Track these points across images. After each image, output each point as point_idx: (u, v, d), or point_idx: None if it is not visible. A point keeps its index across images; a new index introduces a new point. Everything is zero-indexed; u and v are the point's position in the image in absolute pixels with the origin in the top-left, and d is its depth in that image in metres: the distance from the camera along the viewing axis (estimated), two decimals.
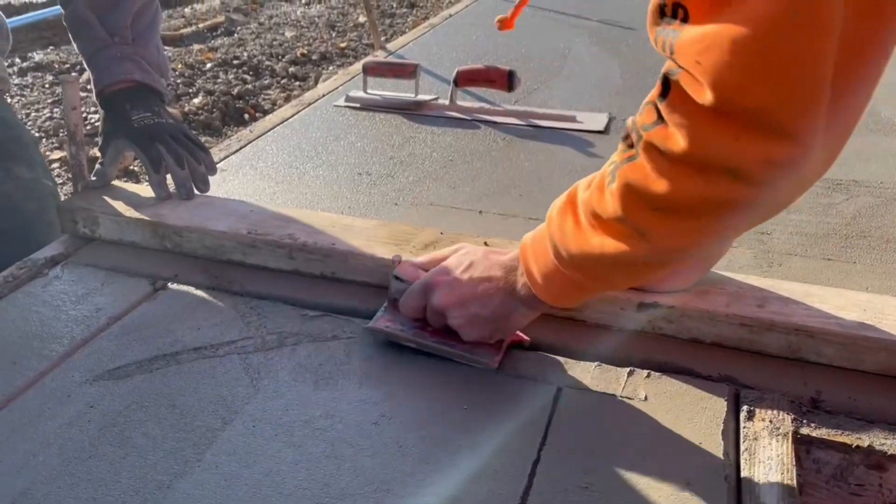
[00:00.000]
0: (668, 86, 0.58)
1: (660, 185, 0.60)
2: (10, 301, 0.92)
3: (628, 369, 0.79)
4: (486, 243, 0.96)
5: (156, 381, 0.78)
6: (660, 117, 0.59)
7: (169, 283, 0.95)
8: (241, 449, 0.69)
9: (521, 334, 0.84)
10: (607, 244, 0.66)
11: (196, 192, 1.08)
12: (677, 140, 0.57)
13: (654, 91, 0.60)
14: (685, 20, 0.55)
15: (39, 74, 2.57)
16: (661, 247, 0.64)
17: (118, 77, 1.09)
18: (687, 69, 0.55)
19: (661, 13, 0.58)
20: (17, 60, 2.75)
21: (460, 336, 0.80)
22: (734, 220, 0.61)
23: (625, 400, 0.76)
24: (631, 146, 0.63)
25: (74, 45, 1.14)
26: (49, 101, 2.29)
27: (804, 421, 0.73)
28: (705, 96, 0.54)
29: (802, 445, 0.72)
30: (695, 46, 0.53)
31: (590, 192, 0.68)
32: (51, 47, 2.84)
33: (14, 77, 2.53)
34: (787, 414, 0.73)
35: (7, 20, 2.99)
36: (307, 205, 1.22)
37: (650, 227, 0.63)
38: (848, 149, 0.70)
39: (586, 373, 0.79)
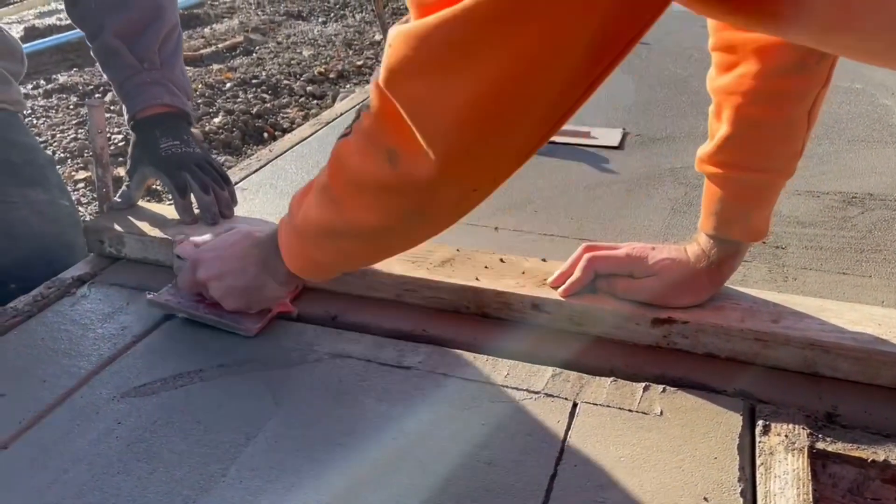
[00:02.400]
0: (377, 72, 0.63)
1: (353, 159, 0.67)
2: (40, 320, 0.95)
3: (643, 384, 0.80)
4: (501, 260, 0.97)
5: (181, 398, 0.80)
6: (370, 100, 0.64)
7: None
8: (263, 464, 0.71)
9: (288, 305, 0.92)
10: (317, 213, 0.73)
11: (221, 216, 1.11)
12: (367, 118, 0.64)
13: None
14: None
15: (64, 96, 2.63)
16: (349, 219, 0.70)
17: (149, 102, 1.12)
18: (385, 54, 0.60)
19: None
20: (42, 82, 2.82)
21: (223, 306, 0.89)
22: (398, 206, 0.66)
23: (640, 415, 0.76)
24: (350, 124, 0.68)
25: (104, 74, 1.18)
26: (73, 122, 2.34)
27: (820, 435, 0.73)
28: (381, 75, 0.59)
29: (818, 460, 0.72)
30: (394, 32, 0.57)
31: (324, 167, 0.74)
32: (74, 69, 2.90)
33: (39, 98, 2.58)
34: (803, 428, 0.74)
35: (31, 43, 3.06)
36: None
37: (343, 198, 0.69)
38: (862, 163, 0.70)
39: (602, 388, 0.80)
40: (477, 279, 0.93)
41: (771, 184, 0.84)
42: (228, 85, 2.69)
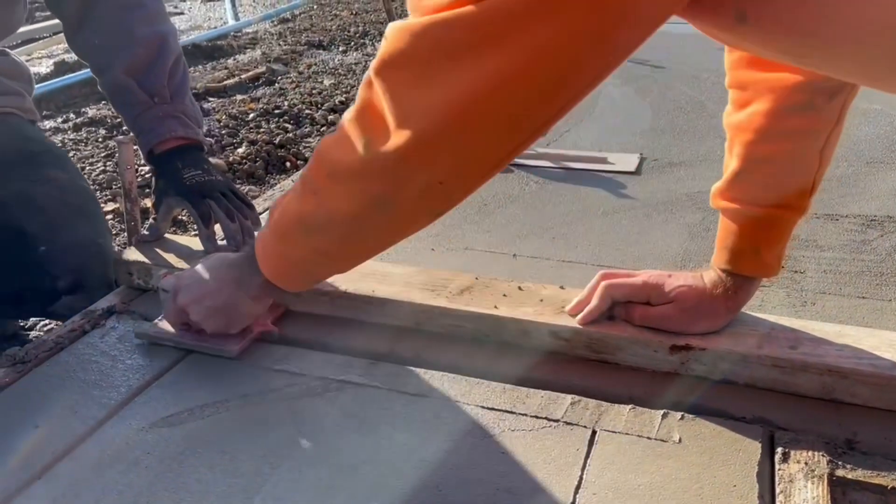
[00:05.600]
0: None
1: (334, 149, 0.69)
2: (71, 351, 0.98)
3: (662, 411, 0.81)
4: (520, 288, 0.99)
5: (207, 428, 0.82)
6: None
7: None
8: (288, 493, 0.72)
9: (268, 325, 0.96)
10: (294, 202, 0.76)
11: (244, 244, 1.14)
12: (352, 108, 0.67)
13: None
14: None
15: (93, 129, 2.70)
16: (323, 207, 0.72)
17: (164, 136, 1.15)
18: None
19: None
20: (72, 115, 2.89)
21: (204, 329, 0.92)
22: (365, 191, 0.68)
23: (659, 442, 0.77)
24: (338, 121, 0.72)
25: (114, 109, 1.21)
26: (102, 154, 2.40)
27: (840, 462, 0.73)
28: (372, 65, 0.62)
29: (838, 487, 0.72)
30: (391, 26, 0.60)
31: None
32: (103, 102, 2.98)
33: (69, 132, 2.65)
34: (823, 455, 0.74)
35: (61, 77, 3.16)
36: None
37: (321, 187, 0.72)
38: (882, 185, 0.71)
39: (620, 415, 0.81)
40: (496, 307, 0.95)
41: (782, 220, 0.84)
42: (251, 115, 2.74)
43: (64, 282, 1.12)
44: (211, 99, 3.07)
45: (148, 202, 1.73)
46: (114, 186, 2.10)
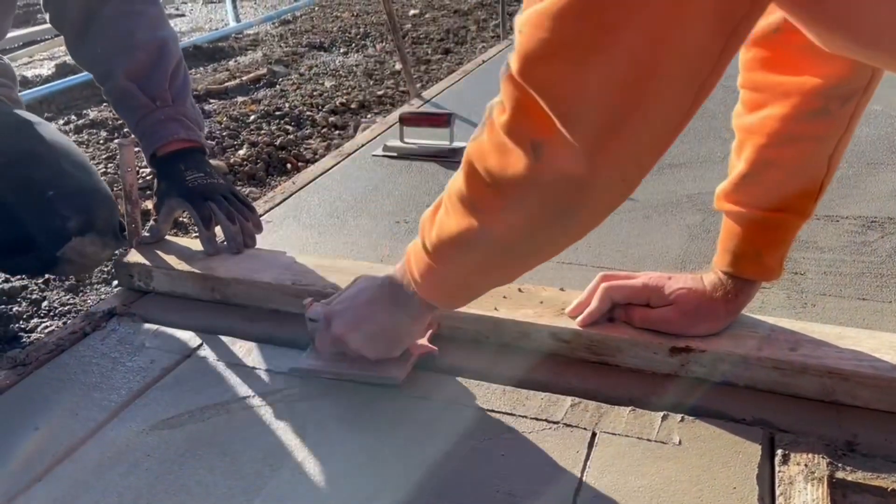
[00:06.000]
0: (507, 65, 0.60)
1: (489, 159, 0.62)
2: (72, 353, 0.98)
3: (662, 413, 0.81)
4: (520, 290, 0.99)
5: (208, 430, 0.82)
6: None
7: (219, 334, 1.00)
8: (288, 495, 0.73)
9: (428, 345, 0.89)
10: (453, 224, 0.68)
11: (244, 246, 1.14)
12: (503, 112, 0.60)
13: None
14: None
15: (94, 131, 2.70)
16: (489, 224, 0.66)
17: (167, 139, 1.16)
18: (514, 43, 0.57)
19: None
20: (73, 117, 2.89)
21: (366, 357, 0.86)
22: (546, 202, 0.62)
23: (659, 444, 0.77)
24: (479, 126, 0.65)
25: (117, 114, 1.23)
26: (103, 156, 2.40)
27: (840, 464, 0.73)
28: (514, 66, 0.57)
29: (838, 489, 0.72)
30: (523, 18, 0.56)
31: (453, 179, 0.70)
32: (104, 104, 2.98)
33: (70, 134, 2.65)
34: (823, 457, 0.74)
35: (62, 79, 3.18)
36: (348, 254, 1.26)
37: (482, 203, 0.65)
38: (882, 187, 0.71)
39: (620, 417, 0.81)
40: (496, 309, 0.95)
41: (785, 224, 0.84)
42: (252, 117, 2.74)
43: (74, 222, 1.14)
44: (212, 101, 3.07)
45: (149, 204, 1.74)
46: (115, 188, 2.11)
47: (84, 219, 1.15)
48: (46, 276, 1.55)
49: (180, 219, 1.82)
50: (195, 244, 1.16)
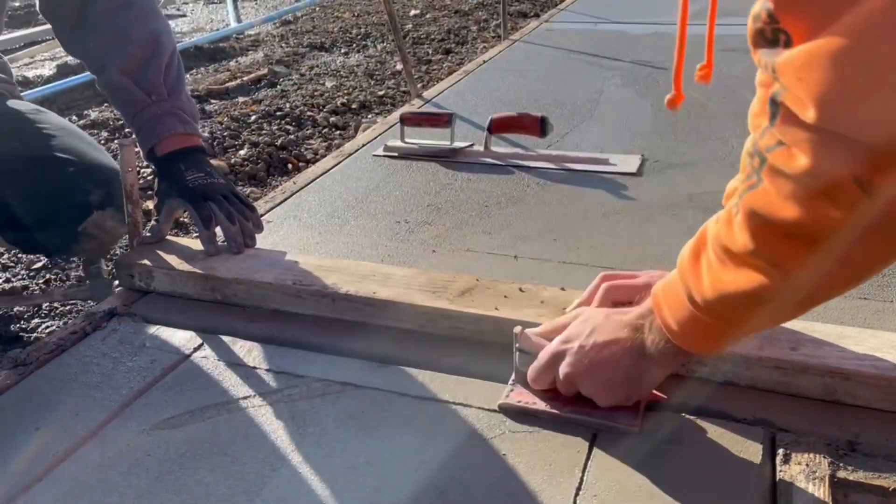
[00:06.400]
0: (776, 107, 0.57)
1: (787, 210, 0.57)
2: (73, 353, 0.98)
3: (663, 413, 0.81)
4: (521, 289, 0.99)
5: (208, 430, 0.82)
6: (780, 141, 0.57)
7: (219, 334, 1.00)
8: (289, 495, 0.73)
9: (657, 392, 0.83)
10: (741, 281, 0.63)
11: (244, 246, 1.14)
12: (798, 158, 0.55)
13: (764, 116, 0.59)
14: (787, 44, 0.54)
15: (95, 131, 2.70)
16: (796, 278, 0.61)
17: (163, 134, 1.17)
18: (789, 88, 0.54)
19: (762, 37, 0.56)
20: (74, 118, 2.90)
21: (596, 402, 0.80)
22: (887, 244, 0.58)
23: (660, 444, 0.77)
24: (751, 174, 0.61)
25: (113, 107, 1.25)
26: None
27: (841, 464, 0.73)
28: (808, 114, 0.52)
29: (840, 489, 0.72)
30: (795, 63, 0.52)
31: (718, 226, 0.66)
32: (105, 105, 2.99)
33: None
34: (824, 457, 0.74)
35: (63, 80, 3.19)
36: (349, 254, 1.26)
37: (782, 257, 0.60)
38: None
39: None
40: (497, 309, 0.95)
41: None
42: (253, 117, 2.74)
43: (96, 196, 1.17)
44: (213, 101, 3.07)
45: (150, 204, 1.74)
46: None
47: (105, 192, 1.19)
48: (62, 256, 1.57)
49: (181, 219, 1.82)
50: (196, 244, 1.16)
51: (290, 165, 2.29)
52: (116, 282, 1.20)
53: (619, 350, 0.77)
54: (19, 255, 1.74)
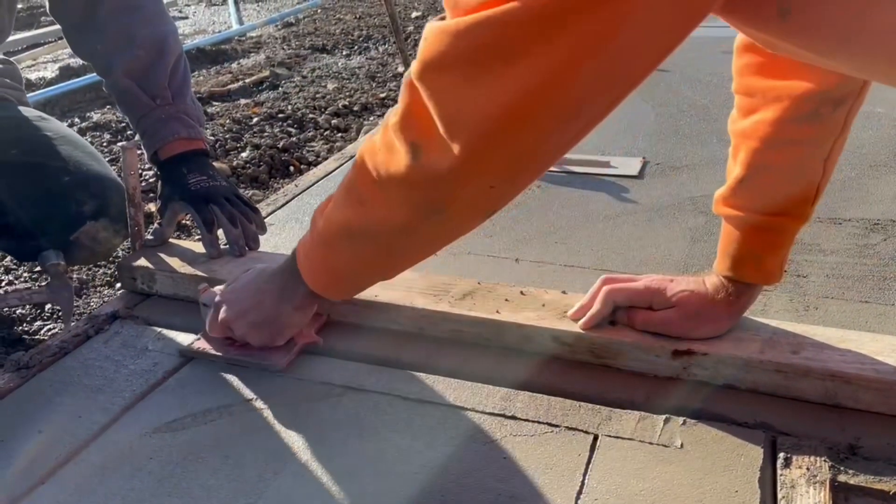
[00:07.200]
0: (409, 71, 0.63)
1: (379, 156, 0.67)
2: (75, 356, 0.98)
3: (664, 417, 0.81)
4: (522, 293, 0.99)
5: (210, 433, 0.82)
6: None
7: None
8: (290, 498, 0.73)
9: (313, 335, 0.94)
10: (340, 213, 0.73)
11: (247, 249, 1.14)
12: (396, 112, 0.64)
13: None
14: None
15: (97, 133, 2.71)
16: (371, 216, 0.70)
17: (168, 138, 1.17)
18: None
19: None
20: (77, 120, 2.90)
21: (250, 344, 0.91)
22: (419, 201, 0.66)
23: (661, 447, 0.77)
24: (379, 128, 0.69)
25: (119, 109, 1.25)
26: (107, 159, 2.40)
27: (842, 468, 0.73)
28: (414, 68, 0.60)
29: (840, 493, 0.72)
30: (430, 27, 0.58)
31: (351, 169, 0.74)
32: (108, 107, 2.99)
33: None
34: (825, 461, 0.74)
35: (66, 82, 3.21)
36: None
37: (367, 195, 0.69)
38: (885, 189, 0.70)
39: (622, 420, 0.81)
40: (498, 312, 0.95)
41: (784, 228, 0.84)
42: (255, 120, 2.74)
43: (89, 206, 1.17)
44: (215, 103, 3.07)
45: (152, 207, 1.74)
46: None
47: (98, 204, 1.18)
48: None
49: (183, 222, 1.82)
50: (198, 247, 1.16)
51: (292, 168, 2.29)
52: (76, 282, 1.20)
53: (262, 294, 0.88)
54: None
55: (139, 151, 1.17)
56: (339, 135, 2.60)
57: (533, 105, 0.56)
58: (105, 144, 2.56)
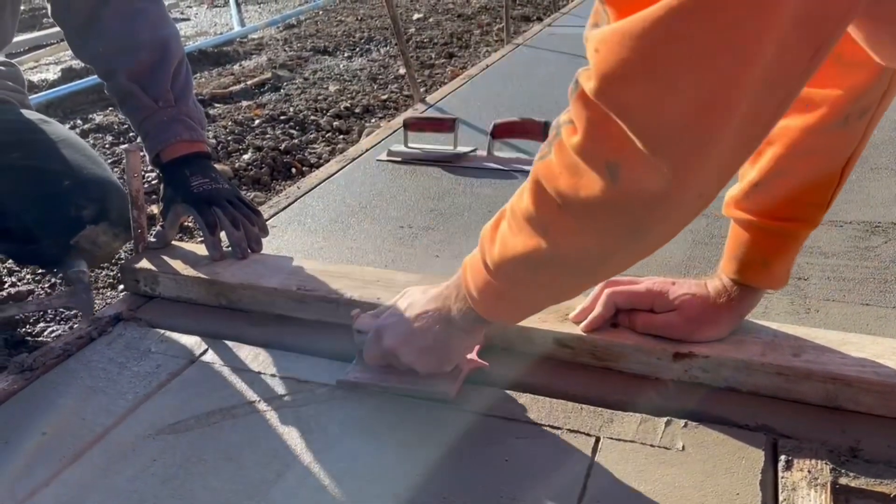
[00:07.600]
0: (575, 84, 0.58)
1: (562, 180, 0.61)
2: (79, 358, 0.98)
3: (665, 419, 0.81)
4: None
5: (213, 435, 0.83)
6: (571, 118, 0.60)
7: (224, 339, 1.00)
8: (293, 500, 0.73)
9: (478, 360, 0.88)
10: (519, 244, 0.67)
11: (249, 251, 1.15)
12: (576, 134, 0.58)
13: None
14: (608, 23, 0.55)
15: (100, 135, 2.71)
16: (560, 246, 0.64)
17: (170, 140, 1.18)
18: (589, 62, 0.55)
19: (596, 16, 0.57)
20: (79, 122, 2.91)
21: (417, 371, 0.84)
22: (620, 225, 0.60)
23: (662, 450, 0.77)
24: (546, 146, 0.64)
25: (121, 112, 1.25)
26: (109, 161, 2.41)
27: (843, 471, 0.73)
28: (589, 85, 0.54)
29: (841, 495, 0.72)
30: (598, 37, 0.53)
31: (515, 197, 0.69)
32: (110, 109, 2.99)
33: None
34: (826, 463, 0.74)
35: (68, 84, 3.21)
36: (352, 259, 1.27)
37: (552, 224, 0.64)
38: (886, 192, 0.71)
39: (624, 423, 0.81)
40: None
41: (795, 233, 0.84)
42: (257, 122, 2.75)
43: (89, 210, 1.17)
44: (216, 105, 3.08)
45: (155, 209, 1.74)
46: None
47: (98, 208, 1.18)
48: (55, 270, 1.57)
49: (186, 224, 1.83)
50: (201, 249, 1.17)
51: (294, 170, 2.30)
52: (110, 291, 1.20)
53: (429, 319, 0.81)
54: None
55: (142, 154, 1.18)
56: (341, 137, 2.60)
57: (739, 94, 0.50)
58: (107, 146, 2.57)
